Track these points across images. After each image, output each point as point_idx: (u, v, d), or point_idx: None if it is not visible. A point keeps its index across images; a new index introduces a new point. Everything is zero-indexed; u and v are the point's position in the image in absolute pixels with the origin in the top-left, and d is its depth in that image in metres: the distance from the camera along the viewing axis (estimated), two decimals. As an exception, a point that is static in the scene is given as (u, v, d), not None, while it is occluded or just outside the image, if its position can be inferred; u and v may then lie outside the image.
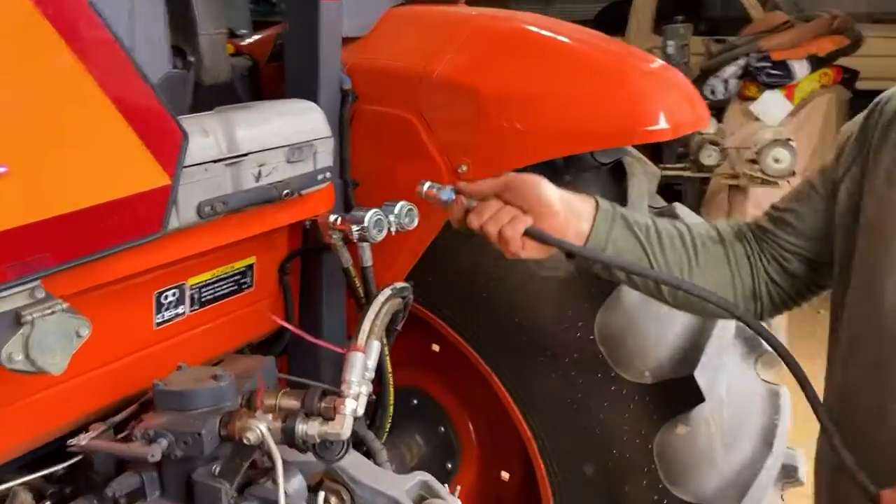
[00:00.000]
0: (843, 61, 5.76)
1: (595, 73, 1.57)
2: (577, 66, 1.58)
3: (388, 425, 1.73)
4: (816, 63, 5.23)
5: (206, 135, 1.30)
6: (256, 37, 1.99)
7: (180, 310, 1.53)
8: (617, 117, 1.52)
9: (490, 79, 1.60)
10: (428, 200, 1.37)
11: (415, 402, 2.16)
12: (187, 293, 1.53)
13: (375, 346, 1.41)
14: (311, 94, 1.64)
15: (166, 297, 1.49)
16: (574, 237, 1.26)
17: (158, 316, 1.49)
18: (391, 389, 1.70)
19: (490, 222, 1.25)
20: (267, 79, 1.89)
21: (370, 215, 1.50)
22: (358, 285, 1.66)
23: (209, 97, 1.64)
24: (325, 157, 1.54)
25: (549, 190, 1.26)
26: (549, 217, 1.24)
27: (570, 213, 1.26)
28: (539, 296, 1.70)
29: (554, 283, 1.68)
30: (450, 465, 2.14)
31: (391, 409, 1.72)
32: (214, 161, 1.31)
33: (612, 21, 9.12)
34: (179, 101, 1.54)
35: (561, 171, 1.73)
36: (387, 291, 1.47)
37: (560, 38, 1.67)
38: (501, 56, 1.64)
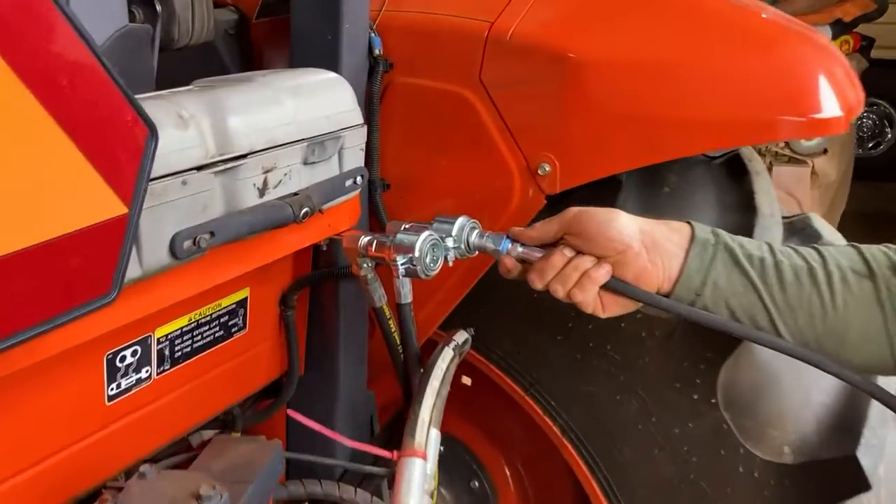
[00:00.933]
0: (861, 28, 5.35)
1: (740, 35, 1.10)
2: (714, 25, 1.12)
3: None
4: (839, 29, 4.79)
5: (184, 126, 0.81)
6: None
7: (144, 373, 1.06)
8: (777, 102, 1.06)
9: (587, 40, 1.13)
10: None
11: (441, 449, 1.72)
12: (153, 349, 1.06)
13: (434, 437, 0.97)
14: (325, 61, 1.16)
15: (123, 360, 1.01)
16: (663, 281, 0.95)
17: (112, 386, 1.01)
18: (436, 474, 1.24)
19: (556, 283, 0.97)
20: (259, 39, 1.40)
21: (424, 240, 1.03)
22: (393, 329, 1.20)
23: (182, 65, 1.15)
24: (356, 153, 1.06)
25: (625, 226, 0.95)
26: (630, 261, 0.95)
27: (656, 250, 0.95)
28: (639, 343, 1.25)
29: (661, 328, 1.23)
30: (484, 533, 1.71)
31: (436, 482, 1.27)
32: (198, 168, 0.83)
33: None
34: (140, 70, 1.05)
35: (662, 170, 1.28)
36: (447, 353, 1.02)
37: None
38: (603, 8, 1.17)
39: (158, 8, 1.07)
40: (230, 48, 1.35)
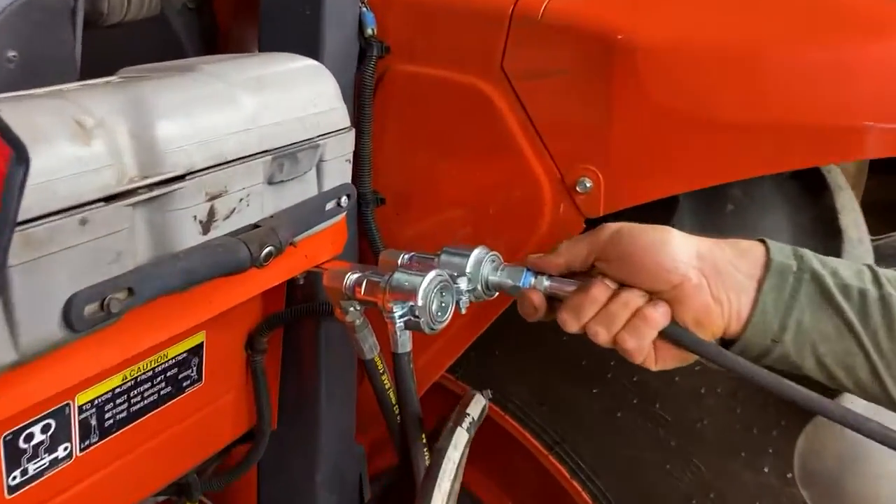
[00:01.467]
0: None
1: (851, 23, 0.84)
2: (815, 7, 0.86)
3: None
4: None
5: (86, 139, 0.56)
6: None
7: (62, 451, 0.81)
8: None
9: (643, 20, 0.87)
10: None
11: None
12: (74, 421, 0.81)
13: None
14: (303, 43, 0.90)
15: (29, 439, 0.76)
16: (731, 321, 0.72)
17: (14, 475, 0.76)
18: None
19: (598, 323, 0.74)
20: (225, 15, 1.14)
21: (429, 283, 0.78)
22: (388, 386, 0.94)
23: (118, 48, 0.89)
24: (340, 166, 0.80)
25: (680, 250, 0.72)
26: (688, 298, 0.72)
27: (720, 281, 0.72)
28: (697, 400, 1.00)
29: (724, 382, 0.99)
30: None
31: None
32: (107, 198, 0.57)
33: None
34: (55, 54, 0.79)
35: (724, 184, 1.02)
36: (461, 436, 0.77)
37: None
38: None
39: (81, -29, 0.81)
40: (188, 26, 1.09)
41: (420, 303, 0.78)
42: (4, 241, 0.47)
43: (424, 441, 0.92)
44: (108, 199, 0.57)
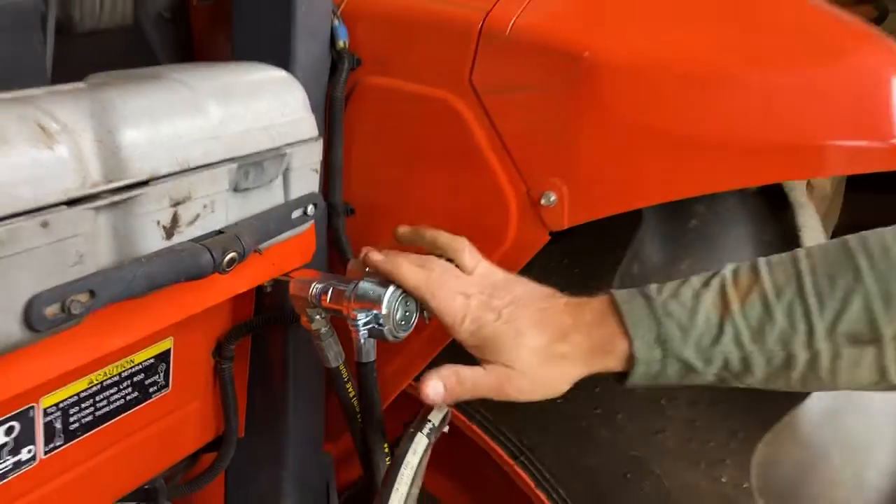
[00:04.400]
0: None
1: (810, 44, 0.87)
2: (776, 28, 0.88)
3: None
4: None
5: (49, 142, 0.57)
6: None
7: (25, 454, 0.81)
8: (856, 125, 0.83)
9: (609, 38, 0.89)
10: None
11: None
12: (38, 423, 0.81)
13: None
14: (275, 54, 0.91)
15: (-8, 441, 0.77)
16: None
17: (-25, 477, 0.77)
18: None
19: None
20: (201, 24, 1.15)
21: (393, 292, 0.79)
22: (352, 395, 0.95)
23: (93, 56, 0.91)
24: (307, 175, 0.82)
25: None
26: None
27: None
28: (657, 412, 1.02)
29: (683, 393, 1.00)
30: None
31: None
32: (69, 202, 0.58)
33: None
34: (24, 60, 0.80)
35: (688, 200, 1.04)
36: (420, 441, 0.78)
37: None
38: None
39: (53, -18, 0.82)
40: (163, 36, 1.10)
41: (384, 311, 0.79)
42: (-36, 242, 0.48)
43: (387, 450, 0.93)
44: (71, 202, 0.58)
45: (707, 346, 0.73)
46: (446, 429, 0.85)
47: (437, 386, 0.78)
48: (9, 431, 0.79)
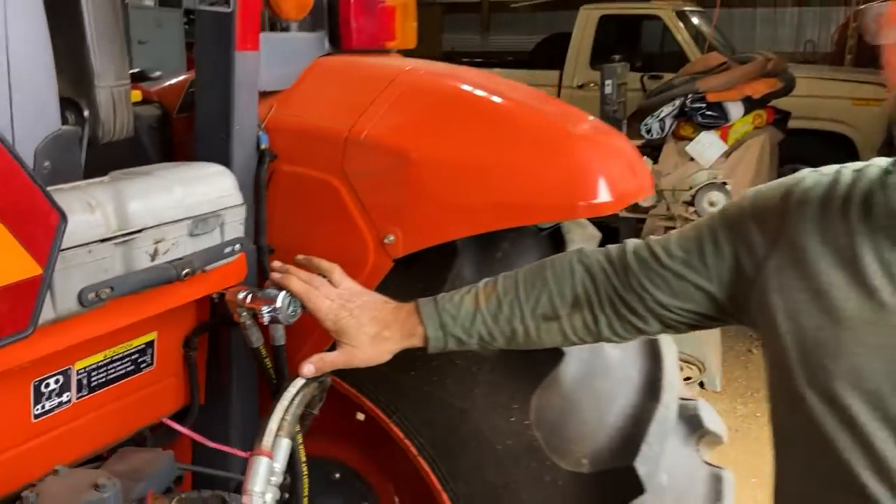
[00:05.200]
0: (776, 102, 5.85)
1: (536, 142, 1.45)
2: (517, 134, 1.47)
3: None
4: (751, 105, 5.27)
5: (91, 211, 1.13)
6: (169, 82, 1.82)
7: (65, 398, 1.35)
8: (559, 191, 1.41)
9: (423, 143, 1.47)
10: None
11: (337, 475, 2.01)
12: (73, 379, 1.35)
13: (284, 444, 1.26)
14: (223, 153, 1.48)
15: (47, 386, 1.31)
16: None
17: (37, 407, 1.31)
18: (305, 481, 1.54)
19: None
20: (179, 131, 1.72)
21: (284, 295, 1.35)
22: (269, 366, 1.50)
23: (108, 156, 1.47)
24: (236, 227, 1.38)
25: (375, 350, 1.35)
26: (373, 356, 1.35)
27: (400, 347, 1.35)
28: (471, 375, 1.56)
29: (487, 363, 1.55)
30: (373, 546, 1.99)
31: (306, 500, 1.56)
32: (101, 241, 1.14)
33: (550, 54, 9.19)
34: (70, 163, 1.37)
35: (498, 239, 1.61)
36: (298, 381, 1.32)
37: (500, 100, 1.56)
38: (436, 118, 1.52)
39: (86, 113, 1.40)
40: (153, 140, 1.67)
41: (278, 305, 1.35)
42: (54, 259, 1.04)
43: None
44: (102, 241, 1.14)
45: (468, 327, 1.29)
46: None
47: (310, 366, 1.32)
48: (56, 381, 1.33)
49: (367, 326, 1.32)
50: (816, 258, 0.98)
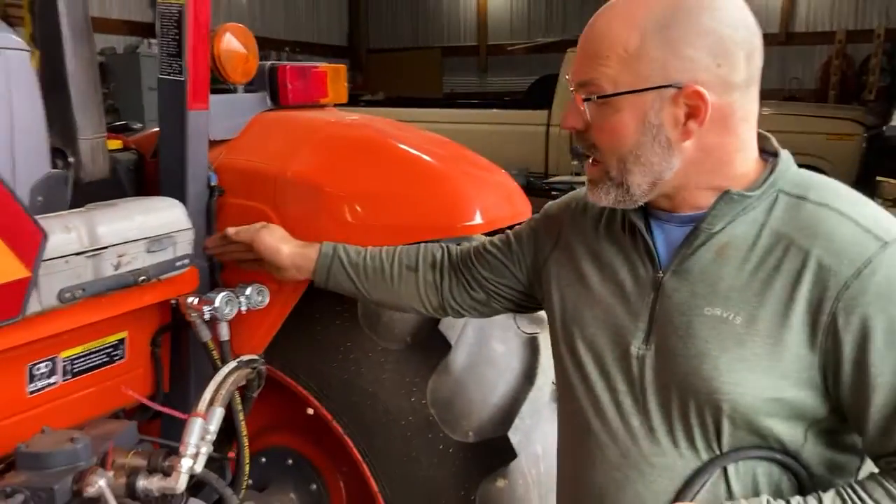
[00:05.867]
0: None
1: (424, 177, 1.85)
2: (410, 170, 1.86)
3: (246, 480, 1.93)
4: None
5: (68, 231, 1.53)
6: (144, 133, 2.23)
7: (53, 380, 1.74)
8: (439, 214, 1.80)
9: (335, 178, 1.87)
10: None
11: (290, 461, 2.37)
12: (60, 365, 1.74)
13: (217, 412, 1.63)
14: (181, 189, 1.88)
15: (39, 369, 1.70)
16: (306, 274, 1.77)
17: (31, 385, 1.69)
18: (246, 450, 1.91)
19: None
20: (151, 172, 2.13)
21: (221, 297, 1.74)
22: (217, 357, 1.89)
23: (91, 192, 1.87)
24: (185, 246, 1.78)
25: (281, 253, 1.76)
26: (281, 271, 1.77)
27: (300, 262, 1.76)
28: (380, 365, 1.94)
29: (392, 354, 1.93)
30: (321, 520, 2.35)
31: (247, 467, 1.93)
32: (76, 254, 1.54)
33: (542, 93, 9.64)
34: (59, 198, 1.77)
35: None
36: (231, 364, 1.71)
37: (400, 145, 1.96)
38: (346, 159, 1.92)
39: (71, 159, 1.81)
40: (130, 179, 2.08)
41: (216, 305, 1.73)
42: (38, 265, 1.43)
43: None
44: (77, 254, 1.54)
45: (353, 256, 1.70)
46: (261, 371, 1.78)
47: (232, 230, 1.78)
48: (46, 366, 1.71)
49: (280, 232, 1.78)
50: (580, 254, 1.37)
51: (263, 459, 2.31)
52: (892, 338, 1.10)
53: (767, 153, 1.28)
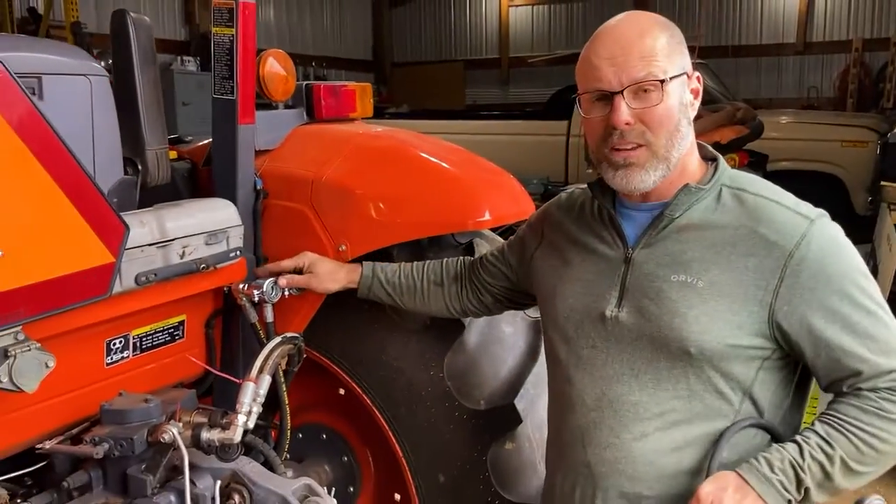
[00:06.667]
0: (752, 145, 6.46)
1: (439, 180, 2.15)
2: (427, 174, 2.16)
3: (287, 443, 2.22)
4: (720, 150, 5.87)
5: (143, 226, 1.84)
6: (197, 144, 2.55)
7: (125, 354, 2.05)
8: (453, 212, 2.09)
9: (363, 182, 2.17)
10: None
11: (324, 436, 2.66)
12: (131, 341, 2.05)
13: (266, 379, 1.93)
14: (231, 192, 2.19)
15: (114, 344, 2.01)
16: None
17: (108, 358, 2.00)
18: (288, 417, 2.20)
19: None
20: (203, 178, 2.44)
21: (268, 283, 2.04)
22: (263, 336, 2.18)
23: (154, 195, 2.19)
24: (236, 240, 2.08)
25: (332, 289, 2.10)
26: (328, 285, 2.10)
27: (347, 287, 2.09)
28: (403, 344, 2.23)
29: (414, 334, 2.22)
30: (352, 489, 2.63)
31: (289, 432, 2.22)
32: (149, 245, 1.85)
33: (562, 104, 9.89)
34: (129, 199, 2.09)
35: (425, 248, 2.28)
36: (277, 339, 2.01)
37: (419, 153, 2.25)
38: (373, 166, 2.22)
39: (139, 167, 2.13)
40: (185, 184, 2.40)
41: (265, 289, 2.04)
42: (122, 252, 1.74)
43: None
44: (150, 245, 1.85)
45: (390, 276, 2.01)
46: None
47: (283, 279, 2.07)
48: (120, 342, 2.02)
49: (327, 265, 2.06)
50: (562, 244, 1.67)
51: (300, 435, 2.60)
52: (830, 289, 1.43)
53: (706, 158, 1.57)
